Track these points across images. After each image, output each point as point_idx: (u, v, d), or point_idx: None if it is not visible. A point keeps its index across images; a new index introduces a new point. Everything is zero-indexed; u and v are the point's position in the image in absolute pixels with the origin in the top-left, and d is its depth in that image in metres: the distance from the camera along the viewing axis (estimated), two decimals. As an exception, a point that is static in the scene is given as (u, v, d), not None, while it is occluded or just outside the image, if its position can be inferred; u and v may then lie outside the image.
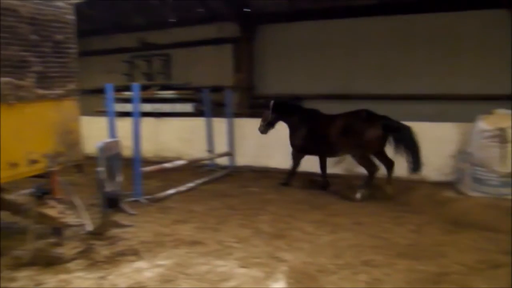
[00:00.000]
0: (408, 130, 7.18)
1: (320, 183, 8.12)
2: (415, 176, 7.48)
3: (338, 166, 8.88)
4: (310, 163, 8.94)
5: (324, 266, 4.42)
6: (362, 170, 7.65)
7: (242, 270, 4.31)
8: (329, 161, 8.17)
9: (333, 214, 6.32)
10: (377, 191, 7.43)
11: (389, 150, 7.40)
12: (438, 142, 8.37)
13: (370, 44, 10.29)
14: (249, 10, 11.30)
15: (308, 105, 10.82)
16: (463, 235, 5.38)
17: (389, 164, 7.45)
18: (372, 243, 5.12)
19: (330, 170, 8.68)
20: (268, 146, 9.50)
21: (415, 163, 7.10)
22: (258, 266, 4.40)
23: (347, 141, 7.35)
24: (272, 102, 8.31)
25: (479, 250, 4.85)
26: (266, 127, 8.36)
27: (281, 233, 5.45)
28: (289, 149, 8.36)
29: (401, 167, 7.76)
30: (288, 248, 4.95)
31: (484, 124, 7.45)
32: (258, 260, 4.57)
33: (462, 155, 8.00)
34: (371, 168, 7.32)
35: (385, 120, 7.23)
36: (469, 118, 7.95)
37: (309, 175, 8.68)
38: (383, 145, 7.34)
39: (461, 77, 9.34)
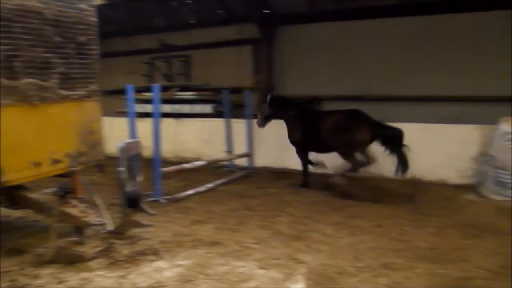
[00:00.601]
0: (397, 133, 7.46)
1: (302, 180, 8.38)
2: (435, 178, 7.42)
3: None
4: (328, 165, 8.93)
5: (344, 269, 4.40)
6: (381, 172, 7.86)
7: (261, 271, 4.31)
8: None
9: (352, 216, 6.28)
10: (396, 193, 7.37)
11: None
12: (459, 144, 8.27)
13: (390, 45, 10.18)
14: (269, 11, 11.28)
15: (328, 106, 10.87)
16: (485, 239, 5.29)
17: (368, 161, 7.72)
18: (392, 246, 5.07)
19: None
20: (287, 147, 9.44)
21: (402, 165, 7.37)
22: (277, 267, 4.40)
23: (336, 139, 7.68)
24: (269, 96, 8.61)
25: (502, 255, 4.76)
26: (263, 121, 8.68)
27: (300, 235, 5.44)
28: None
29: (421, 169, 7.72)
30: (307, 249, 4.94)
31: (507, 126, 7.32)
32: (277, 261, 4.57)
33: (484, 157, 7.87)
34: (355, 166, 7.64)
35: (375, 125, 7.56)
36: (492, 120, 7.83)
37: (327, 177, 8.65)
38: (368, 145, 7.69)
39: (483, 79, 9.17)
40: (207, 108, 11.22)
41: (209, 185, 8.05)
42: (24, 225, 5.87)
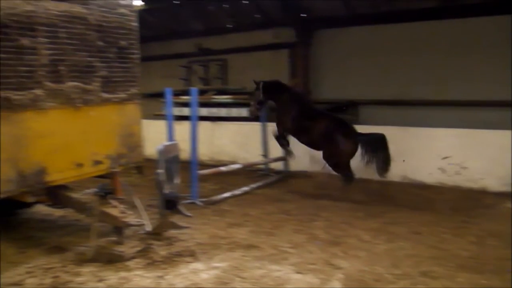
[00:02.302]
0: (381, 136, 7.74)
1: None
2: (472, 185, 7.28)
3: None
4: (363, 170, 8.82)
5: (381, 276, 4.33)
6: (419, 178, 7.90)
7: (298, 276, 4.29)
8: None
9: (390, 223, 6.16)
10: (436, 200, 7.21)
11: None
12: (500, 150, 7.98)
13: (429, 49, 9.97)
14: (306, 15, 11.26)
15: (365, 111, 10.75)
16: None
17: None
18: (431, 254, 4.95)
19: (387, 177, 8.56)
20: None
21: (385, 165, 7.70)
22: (314, 273, 4.37)
23: (323, 145, 7.97)
24: (261, 83, 8.59)
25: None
26: (257, 107, 8.76)
27: (336, 240, 5.38)
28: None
29: (459, 175, 7.55)
30: (344, 255, 4.88)
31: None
32: (313, 266, 4.54)
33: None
34: (346, 176, 7.90)
35: (361, 137, 7.84)
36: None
37: (365, 182, 8.55)
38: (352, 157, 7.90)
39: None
40: (244, 112, 11.24)
41: (245, 188, 8.07)
42: (66, 224, 6.05)
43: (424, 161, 8.49)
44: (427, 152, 8.46)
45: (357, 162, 7.92)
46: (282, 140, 8.66)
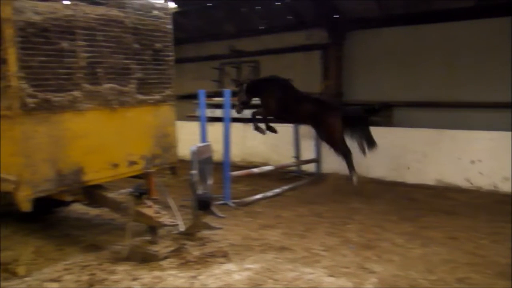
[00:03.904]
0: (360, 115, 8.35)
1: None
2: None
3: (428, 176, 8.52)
4: (397, 173, 8.71)
5: (416, 281, 4.25)
6: (455, 181, 7.80)
7: (330, 279, 4.26)
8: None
9: (425, 227, 6.04)
10: (472, 205, 7.04)
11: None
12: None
13: (464, 49, 9.74)
14: (338, 16, 11.18)
15: (399, 113, 10.58)
16: None
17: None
18: (468, 260, 4.82)
19: (420, 181, 8.43)
20: (354, 153, 9.31)
21: (369, 143, 8.05)
22: (347, 276, 4.33)
23: (313, 123, 8.41)
24: (245, 85, 8.95)
25: None
26: (241, 107, 9.03)
27: (369, 244, 5.31)
28: (374, 157, 8.36)
29: (497, 179, 7.35)
30: (378, 259, 4.81)
31: None
32: (346, 270, 4.49)
33: None
34: (343, 153, 8.19)
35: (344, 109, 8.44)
36: None
37: (398, 185, 8.44)
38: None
39: None
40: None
41: (277, 190, 8.06)
42: (101, 223, 6.19)
43: (460, 164, 8.28)
44: (463, 155, 8.26)
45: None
46: (257, 123, 8.86)
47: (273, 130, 8.91)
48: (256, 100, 9.07)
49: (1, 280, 4.26)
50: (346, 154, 8.18)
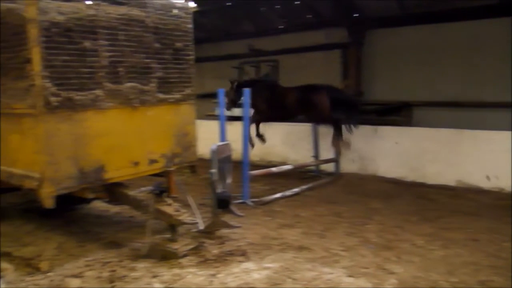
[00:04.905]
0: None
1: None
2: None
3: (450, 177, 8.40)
4: (417, 174, 8.62)
5: (437, 283, 4.21)
6: (476, 182, 7.77)
7: (350, 279, 4.23)
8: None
9: (445, 228, 5.96)
10: (494, 206, 6.92)
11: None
12: None
13: (487, 48, 9.59)
14: (358, 15, 11.11)
15: (419, 112, 10.47)
16: None
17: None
18: (490, 263, 4.74)
19: (440, 181, 8.31)
20: (374, 154, 9.26)
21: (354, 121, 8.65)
22: (366, 277, 4.30)
23: (302, 109, 8.82)
24: (235, 83, 9.48)
25: None
26: (230, 105, 9.49)
27: (389, 244, 5.26)
28: (394, 157, 8.40)
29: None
30: (397, 260, 4.77)
31: None
32: (366, 270, 4.46)
33: None
34: (333, 122, 8.66)
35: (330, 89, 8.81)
36: None
37: (418, 186, 8.36)
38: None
39: None
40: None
41: (295, 190, 8.04)
42: (121, 220, 6.25)
43: (481, 165, 8.15)
44: (484, 156, 8.12)
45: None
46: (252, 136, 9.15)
47: (262, 139, 9.34)
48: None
49: (25, 275, 4.34)
50: (336, 122, 8.65)
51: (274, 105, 8.82)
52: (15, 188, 5.24)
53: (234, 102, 9.44)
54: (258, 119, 9.13)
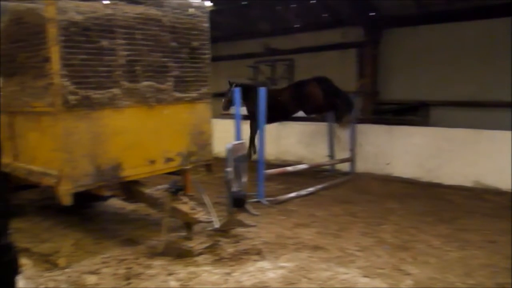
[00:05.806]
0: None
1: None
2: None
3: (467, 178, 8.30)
4: (433, 174, 8.53)
5: (453, 285, 4.16)
6: (493, 183, 7.72)
7: (365, 280, 4.21)
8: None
9: (462, 229, 5.89)
10: (509, 208, 6.82)
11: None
12: None
13: (505, 47, 9.41)
14: (374, 13, 11.03)
15: (436, 112, 10.36)
16: None
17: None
18: (508, 265, 4.67)
19: (457, 182, 8.21)
20: (390, 154, 9.19)
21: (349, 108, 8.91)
22: (382, 277, 4.27)
23: (297, 104, 9.07)
24: (234, 84, 9.56)
25: None
26: (226, 105, 9.95)
27: (405, 245, 5.22)
28: (410, 157, 8.31)
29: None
30: (413, 261, 4.73)
31: None
32: (381, 271, 4.43)
33: None
34: (330, 109, 9.05)
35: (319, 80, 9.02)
36: None
37: (435, 187, 8.27)
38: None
39: None
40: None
41: (310, 189, 8.02)
42: (137, 218, 6.30)
43: (499, 166, 8.03)
44: (502, 156, 7.99)
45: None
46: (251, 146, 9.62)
47: (253, 151, 9.58)
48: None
49: (43, 270, 4.40)
50: (332, 106, 8.95)
51: (269, 108, 8.63)
52: (34, 185, 5.34)
53: (230, 102, 9.54)
54: (255, 127, 9.06)
